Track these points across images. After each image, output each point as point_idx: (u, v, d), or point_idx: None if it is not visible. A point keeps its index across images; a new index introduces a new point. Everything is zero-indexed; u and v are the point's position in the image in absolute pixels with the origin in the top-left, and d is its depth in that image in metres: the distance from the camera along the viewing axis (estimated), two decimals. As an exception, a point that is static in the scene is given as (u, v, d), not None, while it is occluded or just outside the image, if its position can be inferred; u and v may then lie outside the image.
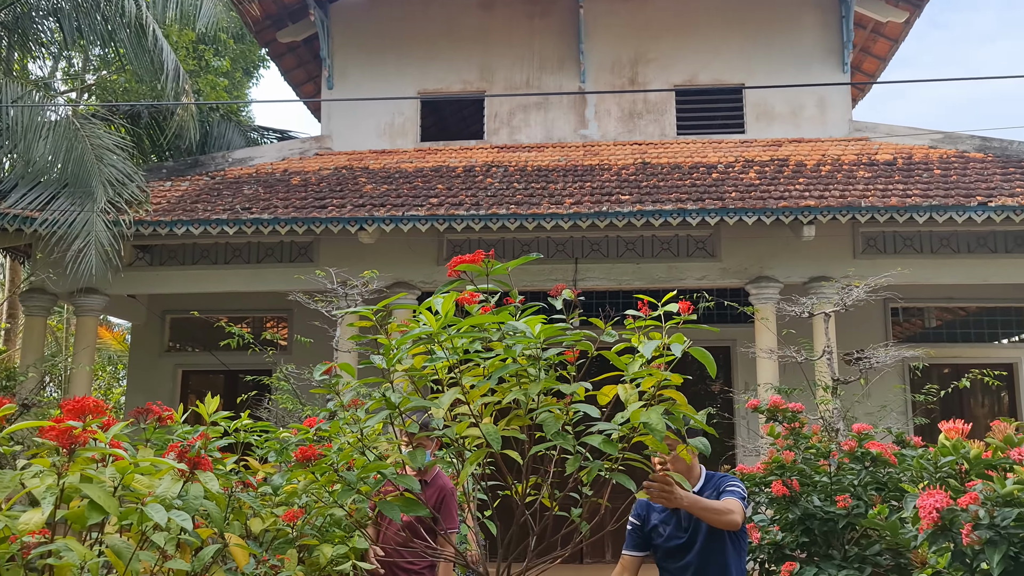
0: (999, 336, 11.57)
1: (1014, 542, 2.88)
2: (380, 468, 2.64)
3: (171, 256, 10.35)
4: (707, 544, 3.47)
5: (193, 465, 2.77)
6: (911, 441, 5.68)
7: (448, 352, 2.58)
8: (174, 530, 2.57)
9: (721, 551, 3.47)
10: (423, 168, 11.01)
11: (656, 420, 2.66)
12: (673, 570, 3.56)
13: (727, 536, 3.48)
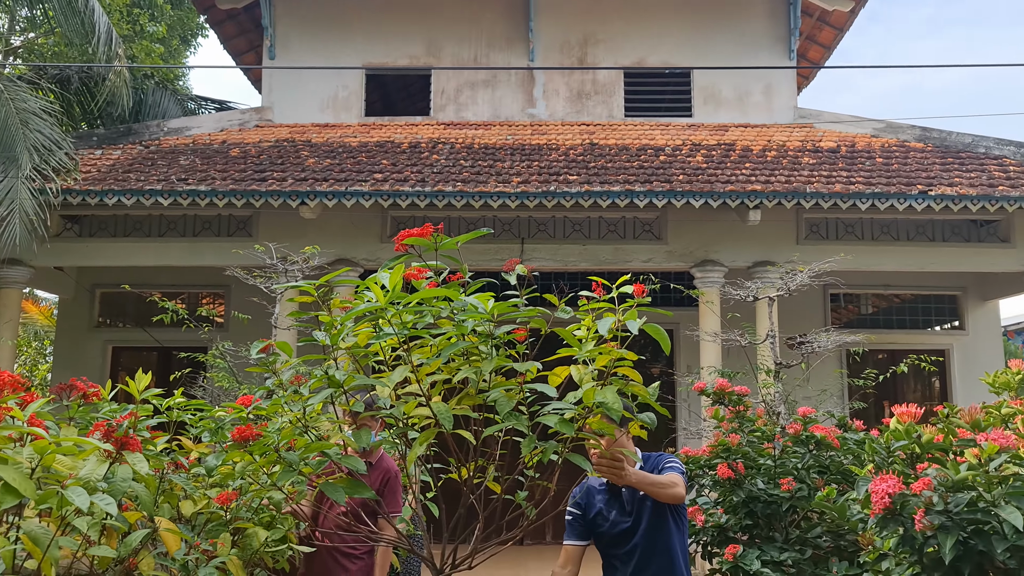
0: (933, 323, 11.85)
1: (965, 528, 2.87)
2: (323, 448, 2.49)
3: (102, 227, 9.93)
4: (651, 526, 3.43)
5: (121, 445, 2.58)
6: (853, 425, 5.73)
7: (396, 328, 2.44)
8: (98, 515, 2.38)
9: (665, 531, 3.44)
10: (367, 143, 10.75)
11: (612, 399, 2.57)
12: (620, 555, 3.49)
13: (670, 517, 3.45)
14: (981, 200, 8.62)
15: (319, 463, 2.61)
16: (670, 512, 3.45)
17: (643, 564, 3.42)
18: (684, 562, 3.53)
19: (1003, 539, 2.79)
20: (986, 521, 2.86)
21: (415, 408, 2.57)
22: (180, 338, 10.20)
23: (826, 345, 7.68)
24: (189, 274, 10.84)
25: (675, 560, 3.45)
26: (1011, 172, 9.40)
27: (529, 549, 10.65)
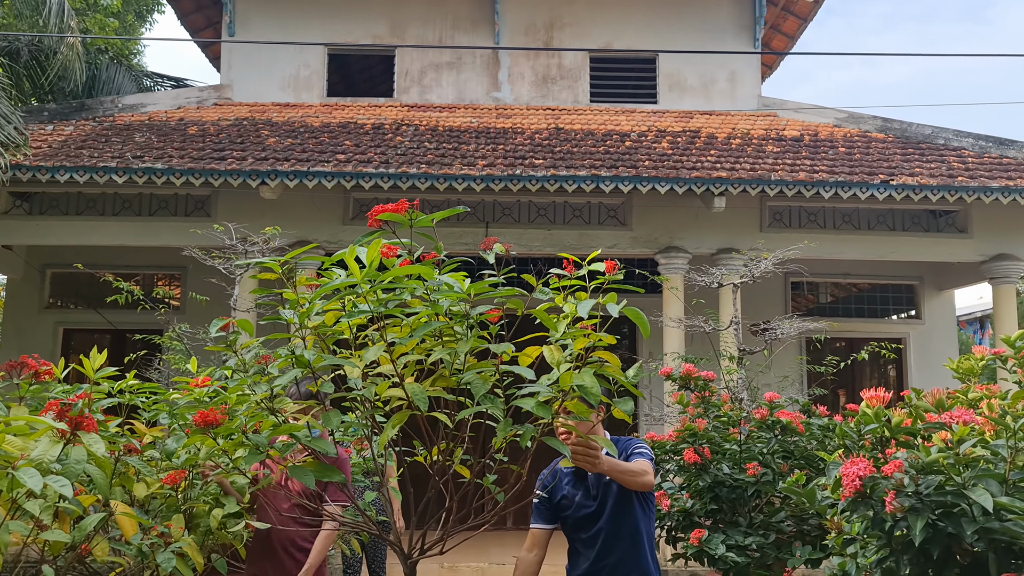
0: (891, 312, 12.03)
1: (934, 510, 2.88)
2: (293, 430, 2.40)
3: (53, 205, 9.63)
4: (616, 509, 3.40)
5: (75, 425, 2.47)
6: (816, 411, 5.76)
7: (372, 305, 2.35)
8: (51, 497, 2.27)
9: (631, 515, 3.41)
10: (330, 123, 10.56)
11: (590, 382, 2.51)
12: (585, 539, 3.46)
13: (635, 500, 3.42)
14: (941, 190, 8.73)
15: (285, 446, 2.51)
16: (636, 497, 3.42)
17: (607, 548, 3.39)
18: (650, 547, 3.50)
19: (972, 521, 2.79)
20: (955, 504, 2.86)
21: (387, 389, 2.49)
22: (135, 320, 9.94)
23: (789, 332, 7.74)
24: (144, 255, 10.58)
25: (640, 544, 3.41)
26: (969, 163, 9.55)
27: (491, 535, 10.61)
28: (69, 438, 2.48)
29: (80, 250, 9.81)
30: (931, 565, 3.02)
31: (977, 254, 9.86)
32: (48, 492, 2.23)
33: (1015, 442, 2.94)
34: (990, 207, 9.38)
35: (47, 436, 2.44)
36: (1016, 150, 9.91)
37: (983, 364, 4.08)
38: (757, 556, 4.98)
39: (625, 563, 3.38)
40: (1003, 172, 9.22)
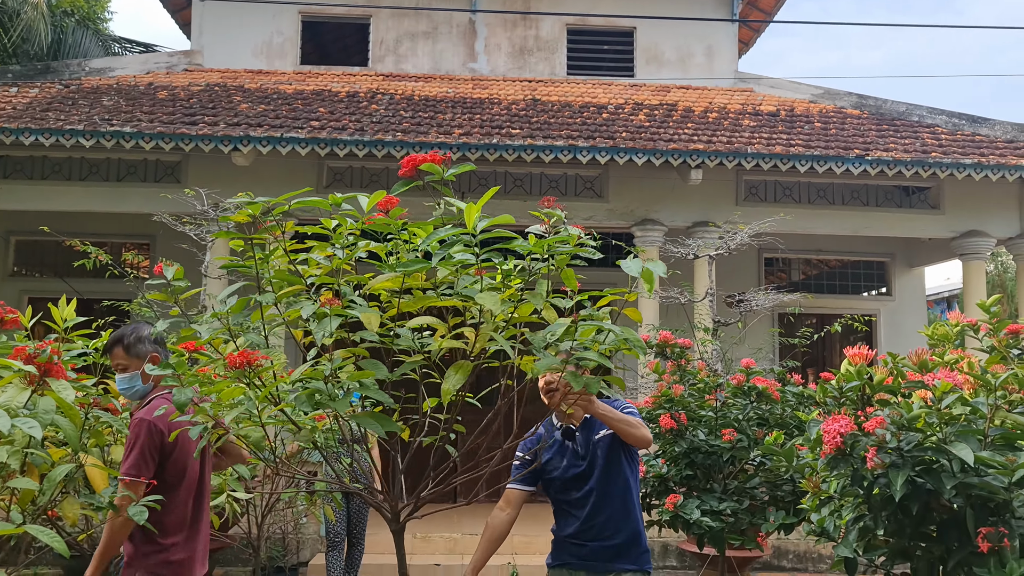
0: (862, 289, 12.15)
1: (915, 466, 2.89)
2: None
3: (17, 169, 9.39)
4: (607, 468, 3.39)
5: (44, 372, 2.38)
6: (791, 379, 5.79)
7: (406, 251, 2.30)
8: (19, 441, 2.19)
9: (620, 473, 3.41)
10: (304, 91, 10.39)
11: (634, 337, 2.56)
12: (574, 500, 3.43)
13: (624, 459, 3.42)
14: (915, 165, 8.79)
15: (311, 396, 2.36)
16: (624, 456, 3.42)
17: (598, 507, 3.38)
18: (637, 507, 3.51)
19: (951, 476, 2.81)
20: (935, 460, 2.88)
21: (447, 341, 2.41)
22: (103, 289, 9.75)
23: (763, 304, 7.78)
24: (112, 223, 10.36)
25: (630, 502, 3.42)
26: (943, 140, 9.62)
27: (463, 507, 10.62)
28: (37, 386, 2.40)
29: (46, 216, 9.57)
30: (909, 522, 3.04)
31: (948, 230, 9.96)
32: (16, 436, 2.15)
33: (995, 399, 2.96)
34: (962, 184, 9.47)
35: (15, 383, 2.36)
36: (989, 128, 10.00)
37: (957, 330, 4.10)
38: (731, 521, 5.00)
39: (615, 520, 3.38)
40: (976, 149, 9.30)
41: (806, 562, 8.55)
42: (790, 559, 8.55)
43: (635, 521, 3.44)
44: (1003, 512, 2.84)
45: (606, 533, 3.38)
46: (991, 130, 9.99)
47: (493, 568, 7.94)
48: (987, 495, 2.82)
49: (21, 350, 2.40)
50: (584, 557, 3.42)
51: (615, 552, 3.38)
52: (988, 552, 2.74)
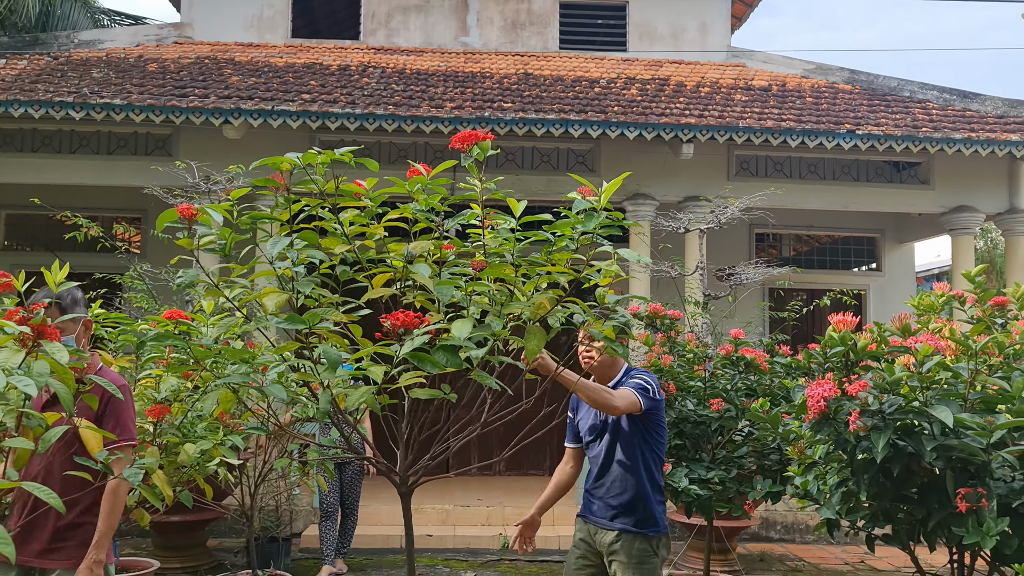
0: (852, 264, 12.21)
1: (896, 429, 2.94)
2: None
3: (7, 142, 9.34)
4: (616, 431, 3.66)
5: (38, 333, 2.40)
6: (780, 350, 5.85)
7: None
8: (14, 402, 2.22)
9: (628, 440, 3.64)
10: (295, 64, 10.35)
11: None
12: (591, 458, 3.78)
13: (635, 427, 3.63)
14: (905, 140, 8.82)
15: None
16: (635, 425, 3.62)
17: (605, 468, 3.66)
18: (650, 474, 3.65)
19: (932, 439, 2.86)
20: (917, 422, 2.93)
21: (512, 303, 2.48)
22: (94, 263, 9.74)
23: (753, 278, 7.83)
24: (103, 197, 10.32)
25: (637, 470, 3.61)
26: (934, 115, 9.64)
27: (455, 480, 10.71)
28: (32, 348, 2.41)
29: (36, 190, 9.53)
30: (890, 484, 3.10)
31: (938, 205, 10.01)
32: (11, 396, 2.18)
33: (975, 364, 3.01)
34: (952, 159, 9.51)
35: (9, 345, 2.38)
36: (979, 103, 10.03)
37: (943, 300, 4.15)
38: (719, 489, 5.07)
39: (620, 482, 3.61)
40: (966, 124, 9.33)
41: (793, 533, 8.67)
42: (778, 530, 8.67)
43: (643, 485, 3.60)
44: (982, 474, 2.90)
45: (612, 492, 3.62)
46: (982, 105, 10.01)
47: (485, 538, 8.05)
48: (966, 457, 2.88)
49: (15, 312, 2.42)
50: (593, 511, 3.70)
51: (617, 511, 3.60)
52: (967, 512, 2.81)
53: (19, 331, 2.26)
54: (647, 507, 3.59)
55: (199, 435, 4.46)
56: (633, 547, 3.55)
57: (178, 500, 4.07)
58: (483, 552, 7.84)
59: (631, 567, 3.52)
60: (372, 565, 7.29)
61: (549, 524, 8.50)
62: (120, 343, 4.49)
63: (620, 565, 3.55)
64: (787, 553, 8.12)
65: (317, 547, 7.59)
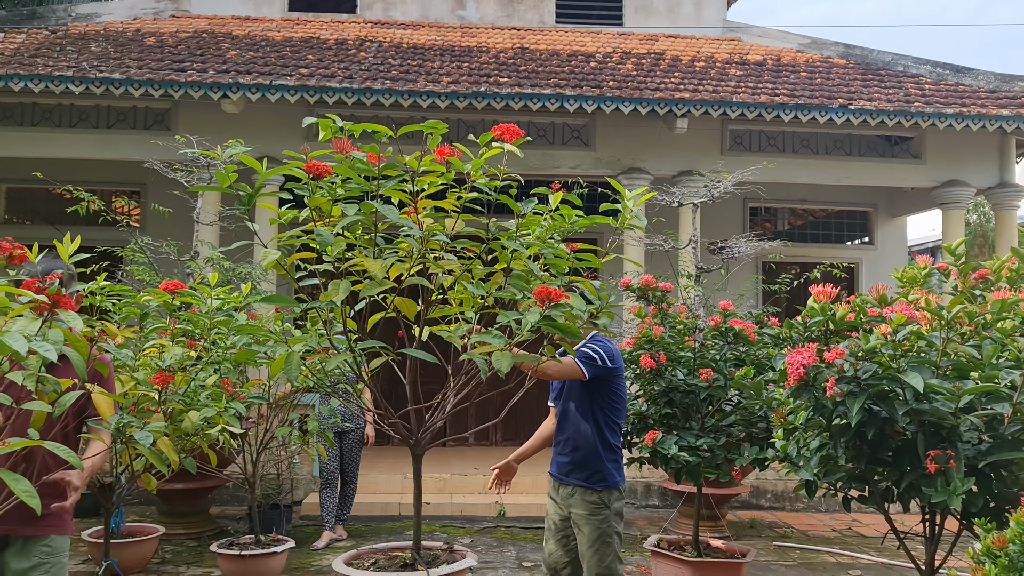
0: (845, 238, 12.33)
1: (871, 394, 3.08)
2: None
3: (6, 116, 9.41)
4: (568, 394, 4.03)
5: (53, 304, 2.52)
6: (768, 322, 5.98)
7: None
8: (33, 368, 2.35)
9: (580, 401, 3.98)
10: (292, 38, 10.38)
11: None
12: (558, 415, 4.13)
13: (585, 389, 3.96)
14: (897, 115, 8.90)
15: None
16: (589, 388, 3.95)
17: (562, 426, 4.04)
18: (598, 435, 3.96)
19: (904, 403, 3.00)
20: (890, 388, 3.07)
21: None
22: (95, 237, 9.82)
23: (745, 251, 7.95)
24: (102, 171, 10.40)
25: (590, 430, 3.94)
26: (927, 90, 9.72)
27: (452, 450, 10.90)
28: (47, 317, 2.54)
29: (36, 164, 9.62)
30: (866, 448, 3.25)
31: (930, 180, 10.11)
32: (31, 363, 2.31)
33: (947, 333, 3.15)
34: (944, 133, 9.60)
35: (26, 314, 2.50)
36: (972, 78, 10.10)
37: (925, 273, 4.28)
38: (707, 456, 5.22)
39: (573, 440, 3.95)
40: (958, 99, 9.41)
41: (783, 501, 8.87)
42: (768, 498, 8.87)
43: (594, 446, 3.91)
44: (951, 437, 3.04)
45: (567, 449, 3.97)
46: (974, 80, 10.09)
47: (482, 506, 8.24)
48: (937, 421, 3.02)
49: (32, 283, 2.54)
50: (554, 467, 4.06)
51: (571, 467, 3.94)
52: (936, 473, 2.96)
53: (37, 300, 2.38)
54: (597, 464, 3.89)
55: (202, 403, 4.60)
56: (585, 500, 3.86)
57: (182, 468, 4.22)
58: (480, 519, 8.02)
59: (584, 518, 3.85)
60: (371, 531, 7.48)
61: (544, 492, 8.69)
62: (124, 315, 4.61)
63: (577, 516, 3.89)
64: (776, 520, 8.32)
65: (317, 514, 7.78)
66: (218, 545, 5.78)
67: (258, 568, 5.66)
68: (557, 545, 4.03)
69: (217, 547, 5.74)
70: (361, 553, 4.10)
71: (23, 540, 2.81)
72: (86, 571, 6.07)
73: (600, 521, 3.82)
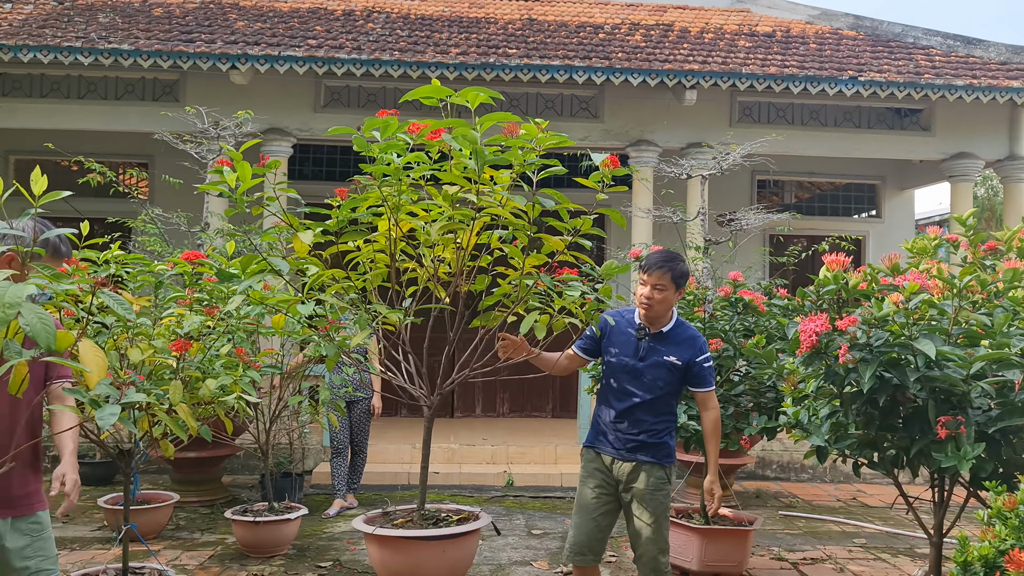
0: (852, 211, 12.32)
1: (883, 362, 3.12)
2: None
3: (15, 87, 9.41)
4: (655, 382, 3.77)
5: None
6: (777, 293, 6.02)
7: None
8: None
9: (666, 391, 3.78)
10: (299, 9, 10.35)
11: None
12: (617, 390, 3.83)
13: (678, 388, 3.84)
14: (907, 87, 8.87)
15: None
16: (679, 388, 3.84)
17: (634, 406, 3.76)
18: (669, 415, 3.83)
19: (915, 370, 3.04)
20: (902, 355, 3.11)
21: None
22: (104, 209, 9.85)
23: (754, 223, 7.96)
24: (109, 143, 10.41)
25: (663, 413, 3.79)
26: (937, 62, 9.67)
27: (459, 420, 10.99)
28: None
29: (45, 135, 9.62)
30: (877, 414, 3.29)
31: (938, 152, 10.09)
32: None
33: (959, 301, 3.18)
34: (953, 106, 9.56)
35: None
36: (983, 49, 10.04)
37: (935, 244, 4.30)
38: (717, 425, 5.27)
39: (646, 422, 3.76)
40: (968, 71, 9.36)
41: (789, 472, 8.95)
42: (773, 469, 8.95)
43: (664, 424, 3.79)
44: (962, 403, 3.09)
45: (634, 430, 3.76)
46: (985, 52, 10.03)
47: (490, 475, 8.33)
48: (948, 387, 3.07)
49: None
50: (613, 443, 3.80)
51: (639, 445, 3.75)
52: (946, 439, 3.00)
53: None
54: (665, 442, 3.79)
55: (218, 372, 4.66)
56: (653, 476, 3.73)
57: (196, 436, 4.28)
58: (488, 488, 8.11)
59: (650, 494, 3.71)
60: (381, 500, 7.56)
61: (552, 462, 8.78)
62: (139, 283, 4.65)
63: (639, 492, 3.72)
64: (782, 490, 8.41)
65: (328, 484, 7.87)
66: (232, 512, 5.86)
67: (272, 535, 5.75)
68: (595, 525, 3.80)
69: (231, 514, 5.82)
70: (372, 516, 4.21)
71: (12, 520, 2.85)
72: (102, 536, 6.16)
73: (664, 496, 3.75)
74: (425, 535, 3.96)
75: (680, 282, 3.73)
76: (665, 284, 3.69)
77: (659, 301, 3.70)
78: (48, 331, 1.99)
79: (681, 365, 3.76)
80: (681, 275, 3.74)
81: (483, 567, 5.60)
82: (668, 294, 3.71)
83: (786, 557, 6.00)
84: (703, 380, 3.80)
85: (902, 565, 5.89)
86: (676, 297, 3.76)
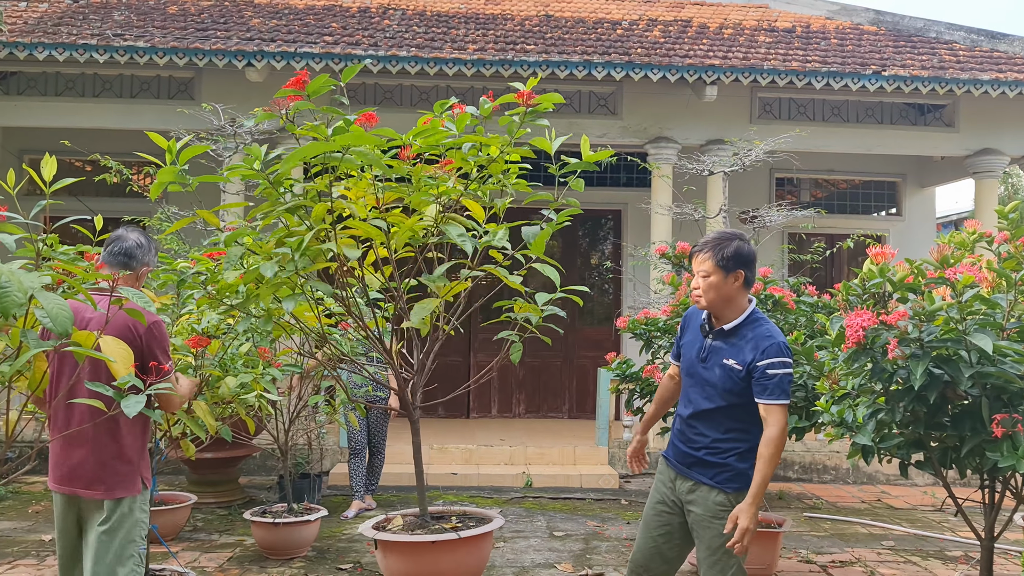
0: (872, 209, 12.17)
1: (934, 357, 3.01)
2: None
3: (31, 85, 9.36)
4: (715, 389, 3.27)
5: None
6: (806, 290, 5.90)
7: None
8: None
9: (729, 402, 3.25)
10: (315, 6, 10.27)
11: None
12: (687, 390, 3.40)
13: (744, 399, 3.23)
14: (932, 82, 8.72)
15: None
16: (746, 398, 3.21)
17: (696, 415, 3.31)
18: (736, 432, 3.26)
19: (969, 366, 2.93)
20: (954, 351, 2.99)
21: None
22: (119, 208, 9.78)
23: (776, 221, 7.84)
24: (123, 141, 10.32)
25: (727, 427, 3.26)
26: (960, 56, 9.52)
27: (476, 421, 10.89)
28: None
29: (59, 134, 9.56)
30: (925, 412, 3.17)
31: (963, 148, 9.93)
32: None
33: (1014, 294, 3.06)
34: (978, 101, 9.41)
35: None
36: (1007, 44, 9.88)
37: (974, 238, 4.18)
38: (746, 425, 5.16)
39: (706, 435, 3.27)
40: (993, 65, 9.22)
41: (811, 473, 8.81)
42: (795, 470, 8.81)
43: (729, 443, 3.25)
44: (1017, 401, 2.96)
45: (695, 442, 3.29)
46: (1009, 46, 9.87)
47: (509, 476, 8.22)
48: (1003, 384, 2.94)
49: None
50: (675, 456, 3.39)
51: (696, 462, 3.28)
52: (1002, 437, 2.88)
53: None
54: (728, 463, 3.24)
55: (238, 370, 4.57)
56: (712, 501, 3.23)
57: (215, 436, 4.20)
58: (507, 490, 8.01)
59: (708, 521, 3.22)
60: (400, 501, 7.48)
61: (571, 463, 8.67)
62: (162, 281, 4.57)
63: (696, 519, 3.26)
64: (805, 492, 8.27)
65: (345, 484, 7.78)
66: (251, 513, 5.78)
67: (292, 536, 5.66)
68: (653, 544, 3.39)
69: (250, 515, 5.74)
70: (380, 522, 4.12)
71: (95, 502, 3.11)
72: (120, 538, 6.09)
73: (722, 526, 3.14)
74: (414, 540, 3.90)
75: (729, 265, 3.17)
76: (708, 270, 3.19)
77: (706, 290, 3.20)
78: (66, 316, 1.97)
79: (741, 370, 3.16)
80: (729, 257, 3.17)
81: (506, 569, 5.50)
82: (715, 280, 3.17)
83: (814, 560, 5.88)
84: (762, 388, 3.14)
85: (933, 568, 5.76)
86: (730, 285, 3.20)
